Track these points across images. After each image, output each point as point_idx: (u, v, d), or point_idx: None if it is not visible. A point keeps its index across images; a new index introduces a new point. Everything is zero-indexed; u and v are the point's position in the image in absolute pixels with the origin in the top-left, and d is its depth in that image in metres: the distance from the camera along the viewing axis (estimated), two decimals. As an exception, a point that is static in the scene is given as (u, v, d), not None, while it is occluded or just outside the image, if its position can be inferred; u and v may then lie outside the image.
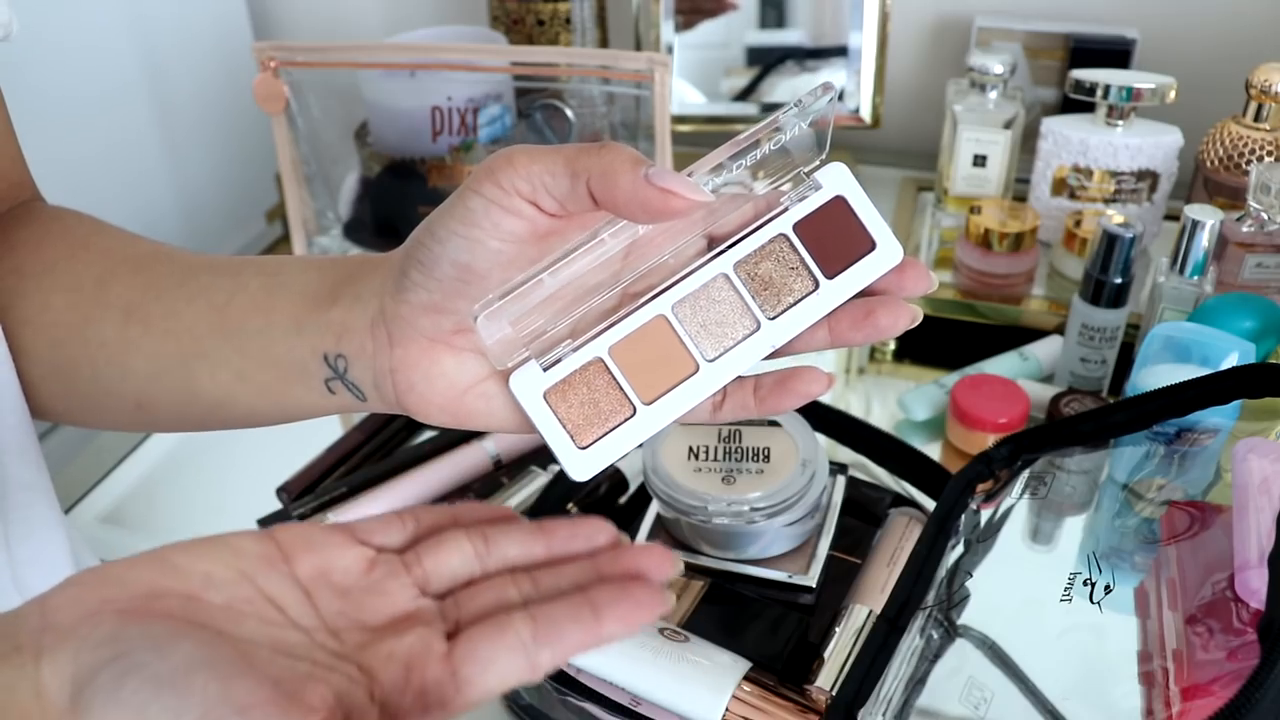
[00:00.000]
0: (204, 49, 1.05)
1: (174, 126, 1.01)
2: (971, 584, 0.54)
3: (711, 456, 0.57)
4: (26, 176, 0.50)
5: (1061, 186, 0.87)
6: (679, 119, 0.99)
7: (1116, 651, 0.50)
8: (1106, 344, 0.74)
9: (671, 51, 0.98)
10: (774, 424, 0.58)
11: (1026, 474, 0.57)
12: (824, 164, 0.37)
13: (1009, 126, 0.87)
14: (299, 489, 0.70)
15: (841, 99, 0.99)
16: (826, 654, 0.53)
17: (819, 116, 0.35)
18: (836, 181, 0.38)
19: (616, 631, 0.30)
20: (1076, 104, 0.86)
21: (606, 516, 0.33)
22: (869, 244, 0.37)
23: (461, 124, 0.85)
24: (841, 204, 0.37)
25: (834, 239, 0.37)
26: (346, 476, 0.71)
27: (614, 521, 0.33)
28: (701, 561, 0.59)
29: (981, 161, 0.88)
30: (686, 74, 1.01)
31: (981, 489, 0.56)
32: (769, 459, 0.57)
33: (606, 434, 0.37)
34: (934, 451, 0.74)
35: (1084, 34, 0.95)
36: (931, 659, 0.51)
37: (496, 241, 0.34)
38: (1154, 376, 0.63)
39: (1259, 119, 0.80)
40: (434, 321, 0.36)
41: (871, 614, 0.55)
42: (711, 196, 0.33)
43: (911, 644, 0.50)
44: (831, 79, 0.98)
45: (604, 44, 0.99)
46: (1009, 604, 0.55)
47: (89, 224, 0.47)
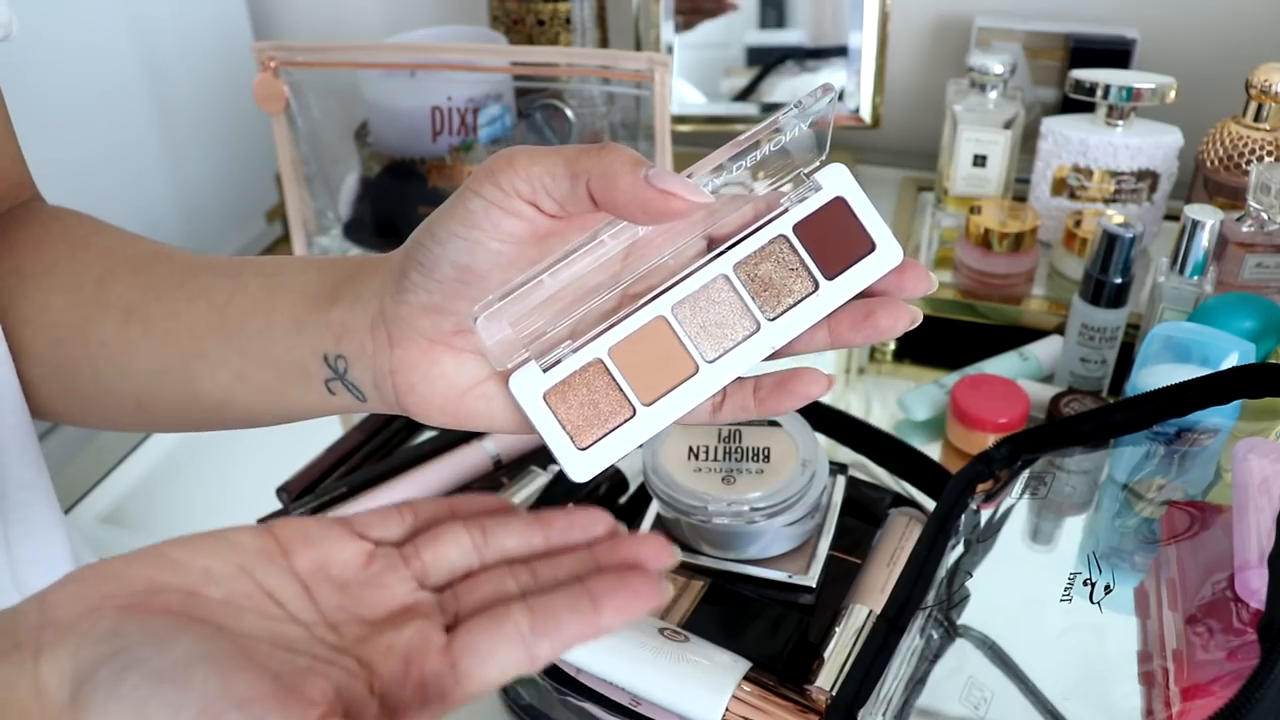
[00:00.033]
0: (204, 49, 1.05)
1: (174, 126, 1.01)
2: (971, 584, 0.54)
3: (711, 456, 0.57)
4: (26, 176, 0.50)
5: (1061, 186, 0.87)
6: (679, 119, 0.99)
7: (1116, 651, 0.50)
8: (1106, 344, 0.74)
9: (671, 51, 0.98)
10: (774, 424, 0.58)
11: (1026, 474, 0.57)
12: (824, 165, 0.37)
13: (1009, 126, 0.87)
14: (299, 489, 0.70)
15: (841, 99, 0.98)
16: (826, 654, 0.53)
17: (819, 117, 0.35)
18: (836, 182, 0.37)
19: (615, 621, 0.30)
20: (1076, 104, 0.85)
21: (606, 516, 0.33)
22: (869, 245, 0.37)
23: (461, 124, 0.85)
24: (841, 205, 0.37)
25: (834, 240, 0.37)
26: (346, 476, 0.71)
27: (614, 522, 0.33)
28: (701, 561, 0.59)
29: (981, 161, 0.88)
30: (686, 74, 1.01)
31: (981, 489, 0.56)
32: (769, 459, 0.57)
33: (606, 435, 0.37)
34: (934, 451, 0.74)
35: (1084, 34, 0.95)
36: (931, 659, 0.51)
37: (496, 243, 0.34)
38: (1154, 376, 0.63)
39: (1259, 119, 0.80)
40: (434, 322, 0.36)
41: (871, 614, 0.55)
42: (711, 198, 0.33)
43: (911, 644, 0.50)
44: (831, 79, 0.99)
45: (604, 44, 0.99)
46: (1009, 604, 0.55)
47: (89, 224, 0.47)
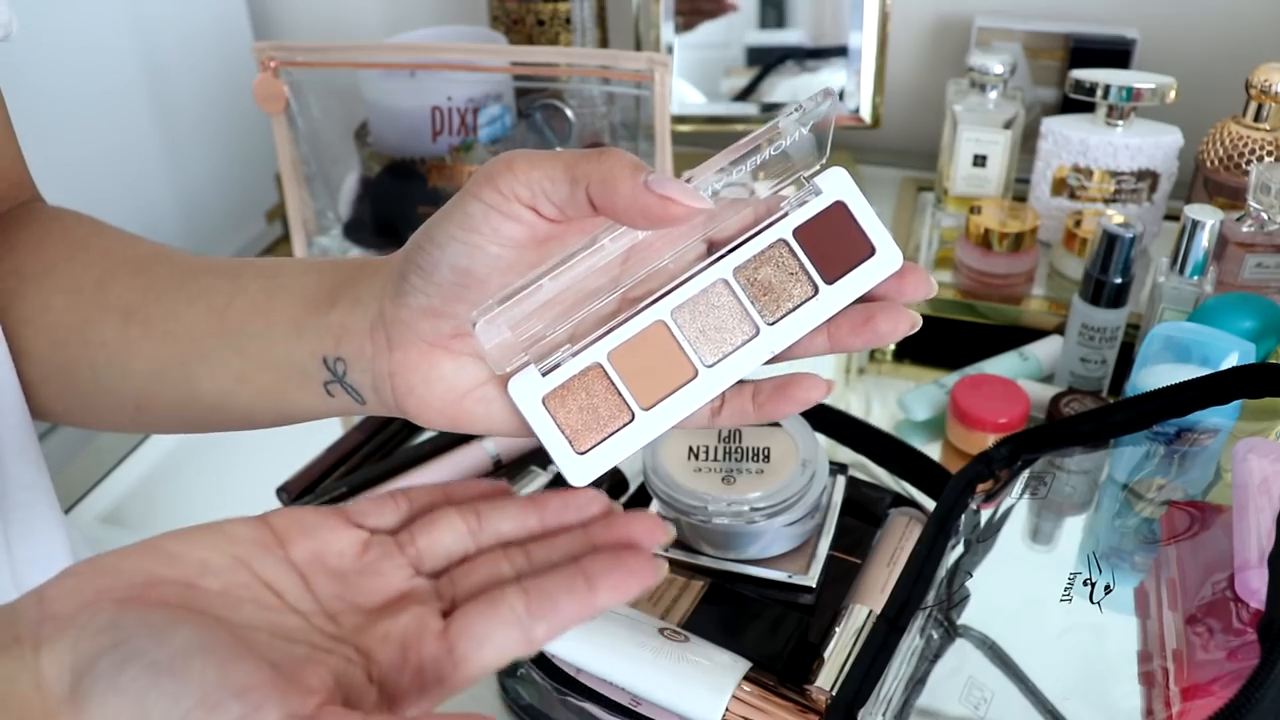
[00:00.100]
0: (204, 49, 1.05)
1: (174, 126, 1.01)
2: (971, 584, 0.54)
3: (711, 456, 0.57)
4: (26, 177, 0.50)
5: (1061, 186, 0.87)
6: (679, 119, 0.99)
7: (1116, 651, 0.50)
8: (1106, 344, 0.74)
9: (671, 51, 0.98)
10: (774, 424, 0.58)
11: (1026, 474, 0.57)
12: (824, 169, 0.37)
13: (1009, 126, 0.87)
14: (299, 489, 0.70)
15: (841, 99, 0.98)
16: (826, 654, 0.53)
17: (819, 121, 0.35)
18: (837, 186, 0.37)
19: (611, 600, 0.30)
20: (1076, 104, 0.85)
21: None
22: (869, 249, 0.37)
23: (461, 124, 0.85)
24: (841, 209, 0.37)
25: (834, 244, 0.37)
26: (346, 476, 0.71)
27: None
28: (701, 561, 0.59)
29: (981, 161, 0.88)
30: (686, 74, 1.01)
31: (981, 489, 0.56)
32: (769, 459, 0.57)
33: (605, 439, 0.37)
34: (934, 451, 0.74)
35: (1084, 34, 0.95)
36: (931, 659, 0.51)
37: (496, 246, 0.34)
38: (1154, 376, 0.63)
39: (1259, 119, 0.79)
40: (433, 326, 0.36)
41: (871, 614, 0.55)
42: (711, 203, 0.33)
43: (911, 644, 0.50)
44: (831, 79, 0.99)
45: (604, 44, 0.99)
46: (1009, 604, 0.55)
47: (89, 225, 0.47)
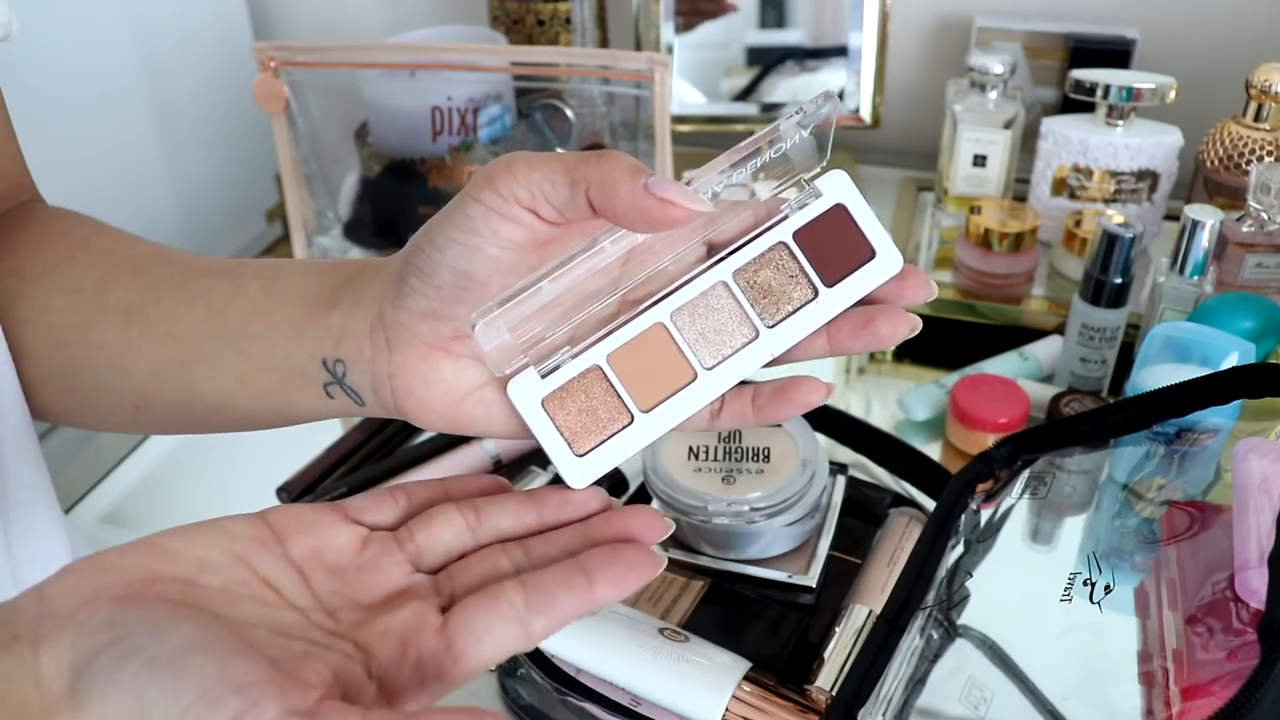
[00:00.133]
0: (204, 49, 1.05)
1: (174, 126, 1.01)
2: (971, 584, 0.54)
3: (711, 456, 0.57)
4: (26, 177, 0.50)
5: (1061, 186, 0.87)
6: (679, 119, 0.99)
7: (1116, 651, 0.50)
8: (1106, 344, 0.74)
9: (671, 51, 0.98)
10: (774, 424, 0.58)
11: (1026, 474, 0.57)
12: (824, 171, 0.37)
13: (1009, 126, 0.87)
14: (299, 489, 0.70)
15: (841, 99, 0.98)
16: (826, 654, 0.53)
17: (820, 123, 0.35)
18: (837, 189, 0.37)
19: (609, 595, 0.30)
20: (1076, 104, 0.85)
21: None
22: (869, 252, 0.37)
23: (461, 124, 0.85)
24: (841, 212, 0.37)
25: (834, 247, 0.37)
26: (346, 476, 0.71)
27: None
28: (701, 561, 0.59)
29: (981, 161, 0.88)
30: (686, 74, 1.01)
31: (981, 489, 0.56)
32: (769, 459, 0.57)
33: (604, 441, 0.37)
34: (934, 451, 0.75)
35: (1084, 34, 0.95)
36: (931, 659, 0.51)
37: (495, 249, 0.34)
38: (1154, 376, 0.63)
39: (1259, 119, 0.79)
40: (433, 328, 0.36)
41: (871, 614, 0.55)
42: (710, 206, 0.33)
43: (911, 644, 0.50)
44: (831, 79, 0.99)
45: (604, 44, 0.99)
46: (1009, 604, 0.55)
47: (89, 225, 0.47)
